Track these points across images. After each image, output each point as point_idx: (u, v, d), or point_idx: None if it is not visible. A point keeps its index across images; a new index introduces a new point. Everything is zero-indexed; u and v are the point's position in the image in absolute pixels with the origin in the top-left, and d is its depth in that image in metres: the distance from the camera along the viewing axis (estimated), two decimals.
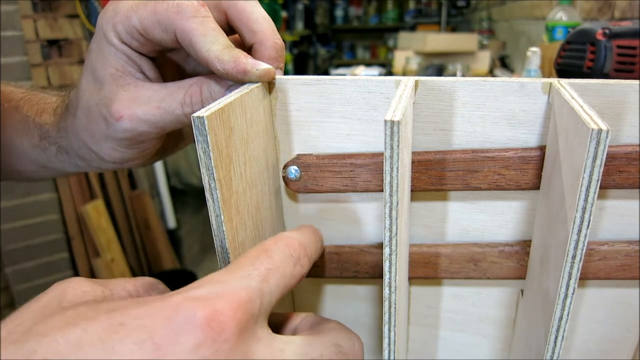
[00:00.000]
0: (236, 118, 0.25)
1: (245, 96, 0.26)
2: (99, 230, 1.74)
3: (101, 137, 0.33)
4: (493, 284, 0.36)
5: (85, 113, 0.33)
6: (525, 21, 1.96)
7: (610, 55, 0.55)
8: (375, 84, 0.29)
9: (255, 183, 0.29)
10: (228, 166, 0.25)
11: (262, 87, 0.29)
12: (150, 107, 0.31)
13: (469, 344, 0.39)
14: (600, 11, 1.20)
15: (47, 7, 1.66)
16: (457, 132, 0.30)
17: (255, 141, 0.28)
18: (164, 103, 0.31)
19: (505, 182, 0.30)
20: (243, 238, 0.27)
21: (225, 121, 0.24)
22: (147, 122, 0.31)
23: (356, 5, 5.05)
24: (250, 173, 0.28)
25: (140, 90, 0.31)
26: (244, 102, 0.26)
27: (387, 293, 0.25)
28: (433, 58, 1.96)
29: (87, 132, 0.34)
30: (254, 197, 0.29)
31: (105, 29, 0.30)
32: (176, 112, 0.31)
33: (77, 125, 0.34)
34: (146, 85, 0.32)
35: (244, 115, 0.26)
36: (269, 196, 0.31)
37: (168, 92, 0.31)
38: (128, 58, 0.31)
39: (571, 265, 0.24)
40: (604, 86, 0.27)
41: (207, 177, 0.23)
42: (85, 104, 0.33)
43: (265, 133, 0.30)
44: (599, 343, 0.36)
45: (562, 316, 0.25)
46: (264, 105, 0.30)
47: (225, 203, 0.25)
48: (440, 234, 0.34)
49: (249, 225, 0.28)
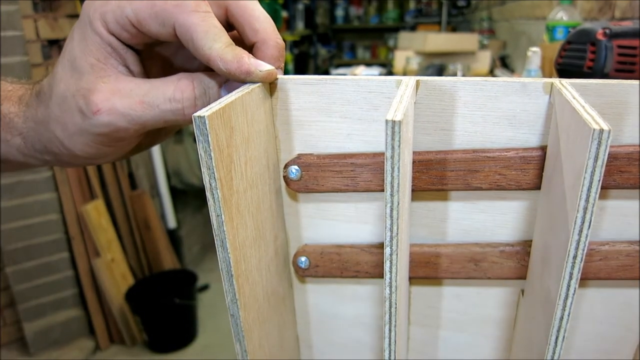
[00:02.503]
0: (237, 118, 0.25)
1: (246, 96, 0.26)
2: (99, 230, 1.74)
3: (75, 130, 0.31)
4: (494, 284, 0.36)
5: (59, 103, 0.31)
6: (525, 21, 1.96)
7: (610, 55, 0.55)
8: (376, 84, 0.29)
9: (255, 183, 0.29)
10: (229, 166, 0.25)
11: (263, 87, 0.29)
12: (132, 101, 0.29)
13: (469, 344, 0.39)
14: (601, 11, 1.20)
15: (47, 7, 1.66)
16: (458, 132, 0.30)
17: (256, 141, 0.28)
18: (148, 97, 0.29)
19: (506, 182, 0.30)
20: (244, 237, 0.27)
21: (226, 121, 0.24)
22: (127, 117, 0.29)
23: (357, 5, 5.05)
24: (251, 173, 0.28)
25: (121, 82, 0.30)
26: (245, 102, 0.26)
27: (387, 293, 0.25)
28: (433, 58, 1.96)
29: (59, 124, 0.31)
30: (255, 196, 0.29)
31: (92, 16, 0.29)
32: (161, 107, 0.29)
33: (49, 116, 0.32)
34: (128, 79, 0.30)
35: (244, 115, 0.26)
36: (269, 196, 0.31)
37: (152, 86, 0.29)
38: (113, 49, 0.29)
39: (572, 265, 0.24)
40: (605, 86, 0.27)
41: (207, 176, 0.23)
42: (61, 94, 0.30)
43: (266, 133, 0.30)
44: (599, 343, 0.36)
45: (562, 316, 0.25)
46: (265, 105, 0.30)
47: (226, 202, 0.25)
48: (441, 233, 0.34)
49: (250, 225, 0.28)
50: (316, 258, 0.35)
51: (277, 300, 0.34)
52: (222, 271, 0.26)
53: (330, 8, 5.01)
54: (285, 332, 0.37)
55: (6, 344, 1.75)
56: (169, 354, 1.78)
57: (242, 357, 0.29)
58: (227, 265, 0.26)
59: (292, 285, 0.38)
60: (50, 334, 1.76)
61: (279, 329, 0.35)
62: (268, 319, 0.32)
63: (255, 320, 0.30)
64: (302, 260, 0.35)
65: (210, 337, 1.86)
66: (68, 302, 1.79)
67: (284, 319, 0.37)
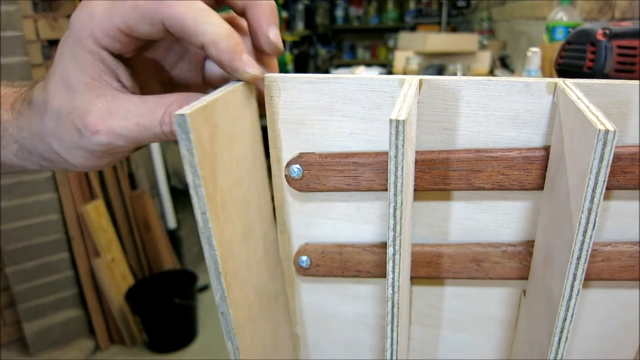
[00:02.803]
0: (220, 115, 0.25)
1: (229, 94, 0.26)
2: (99, 230, 1.74)
3: (72, 145, 0.31)
4: (495, 284, 0.36)
5: (54, 119, 0.31)
6: (525, 21, 1.96)
7: (610, 55, 0.55)
8: (378, 83, 0.29)
9: (242, 180, 0.29)
10: (212, 163, 0.25)
11: (247, 86, 0.29)
12: (128, 123, 0.29)
13: (470, 344, 0.39)
14: (601, 11, 1.19)
15: (47, 7, 1.65)
16: (461, 132, 0.30)
17: (240, 139, 0.28)
18: (143, 120, 0.29)
19: (508, 182, 0.30)
20: (231, 235, 0.27)
21: (208, 118, 0.24)
22: (125, 137, 0.30)
23: (356, 5, 5.05)
24: (237, 170, 0.28)
25: (117, 102, 0.30)
26: (229, 100, 0.26)
27: (390, 293, 0.25)
28: (433, 58, 1.96)
29: (56, 138, 0.32)
30: (241, 194, 0.28)
31: (81, 35, 0.29)
32: (154, 130, 0.30)
33: (45, 129, 0.32)
34: (124, 98, 0.30)
35: (227, 112, 0.26)
36: (257, 193, 0.31)
37: (148, 109, 0.30)
38: (105, 66, 0.30)
39: (576, 266, 0.24)
40: (610, 86, 0.27)
41: (191, 174, 0.23)
42: (55, 110, 0.31)
43: (252, 131, 0.30)
44: (601, 343, 0.36)
45: (565, 317, 0.25)
46: (251, 103, 0.30)
47: (211, 200, 0.24)
48: (443, 233, 0.34)
49: (237, 223, 0.28)
50: (317, 257, 0.35)
51: (269, 298, 0.34)
52: (210, 269, 0.26)
53: (330, 8, 5.01)
54: (279, 330, 0.37)
55: (6, 344, 1.75)
56: (169, 354, 1.78)
57: (235, 355, 0.28)
58: (215, 263, 0.25)
59: (287, 283, 0.38)
60: (50, 334, 1.75)
61: (272, 327, 0.35)
62: (260, 316, 0.32)
63: (246, 317, 0.29)
64: (303, 260, 0.35)
65: (210, 337, 1.86)
66: (68, 302, 1.79)
67: (278, 316, 0.37)
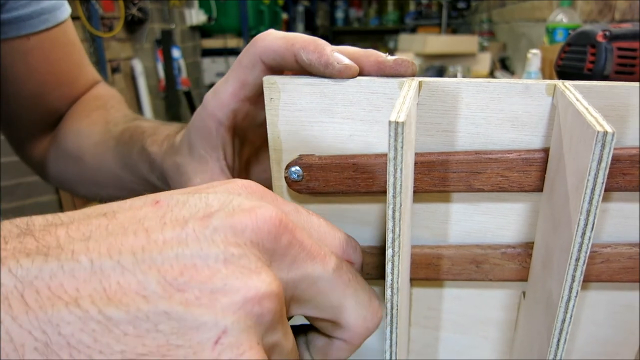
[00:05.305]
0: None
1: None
2: None
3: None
4: (495, 286, 0.36)
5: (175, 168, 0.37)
6: (525, 23, 1.96)
7: (610, 57, 0.55)
8: (378, 85, 0.29)
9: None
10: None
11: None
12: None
13: (470, 345, 0.39)
14: (601, 13, 1.20)
15: None
16: (460, 134, 0.30)
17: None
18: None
19: (508, 184, 0.30)
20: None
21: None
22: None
23: (357, 7, 5.06)
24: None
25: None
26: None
27: (389, 295, 0.25)
28: (433, 60, 1.97)
29: (172, 181, 0.37)
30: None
31: (212, 110, 0.32)
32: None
33: (187, 171, 0.37)
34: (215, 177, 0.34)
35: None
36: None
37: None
38: (222, 144, 0.34)
39: (575, 268, 0.24)
40: (609, 88, 0.27)
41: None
42: (178, 163, 0.36)
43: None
44: (600, 346, 0.36)
45: (565, 319, 0.25)
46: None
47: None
48: (442, 235, 0.34)
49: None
50: None
51: None
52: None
53: (331, 10, 5.02)
54: None
55: None
56: None
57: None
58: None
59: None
60: None
61: None
62: None
63: None
64: None
65: None
66: None
67: None
